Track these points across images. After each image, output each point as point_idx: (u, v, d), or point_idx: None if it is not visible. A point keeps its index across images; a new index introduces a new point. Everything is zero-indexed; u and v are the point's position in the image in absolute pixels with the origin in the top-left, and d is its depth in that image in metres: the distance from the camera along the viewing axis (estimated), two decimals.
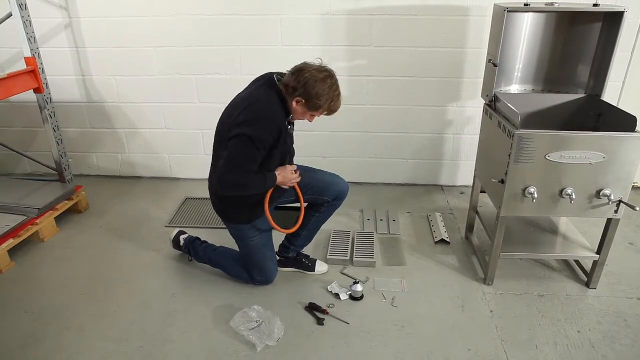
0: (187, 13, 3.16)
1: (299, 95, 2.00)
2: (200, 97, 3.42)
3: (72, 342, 2.10)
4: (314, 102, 2.00)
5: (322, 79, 1.98)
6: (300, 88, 1.99)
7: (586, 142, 2.03)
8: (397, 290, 2.43)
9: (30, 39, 2.75)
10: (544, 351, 2.04)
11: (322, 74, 1.99)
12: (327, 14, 3.09)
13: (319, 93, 1.98)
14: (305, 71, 2.00)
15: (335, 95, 2.04)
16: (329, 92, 2.00)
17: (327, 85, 1.99)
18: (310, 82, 1.97)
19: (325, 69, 2.03)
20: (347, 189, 2.42)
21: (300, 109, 2.06)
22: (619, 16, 2.24)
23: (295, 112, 2.09)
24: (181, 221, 3.09)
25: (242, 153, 1.99)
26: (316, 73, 1.99)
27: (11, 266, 2.61)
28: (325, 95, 2.00)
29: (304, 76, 1.98)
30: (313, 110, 2.05)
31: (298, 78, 1.99)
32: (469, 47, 3.12)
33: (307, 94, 1.99)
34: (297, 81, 1.99)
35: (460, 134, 3.42)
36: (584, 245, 2.46)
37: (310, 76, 1.98)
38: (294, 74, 2.02)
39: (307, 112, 2.07)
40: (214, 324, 2.19)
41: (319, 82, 1.97)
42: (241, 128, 1.98)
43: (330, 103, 2.03)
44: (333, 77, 2.03)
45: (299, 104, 2.04)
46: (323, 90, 1.98)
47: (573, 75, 2.55)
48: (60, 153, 3.09)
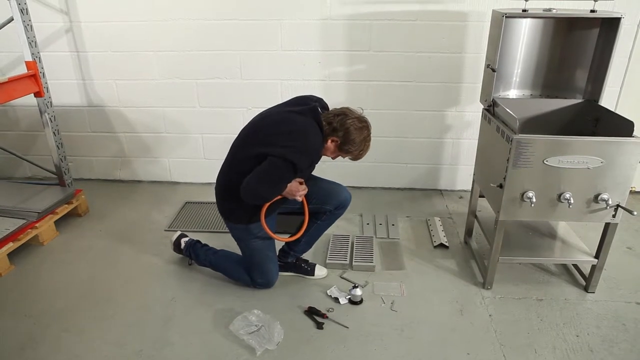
0: (188, 18, 3.18)
1: (337, 136, 2.14)
2: (200, 102, 3.43)
3: (71, 345, 2.10)
4: (348, 146, 2.15)
5: (360, 128, 2.14)
6: (340, 130, 2.12)
7: (584, 146, 2.04)
8: (396, 294, 2.43)
9: (31, 43, 2.77)
10: (543, 355, 2.04)
11: (362, 124, 2.15)
12: (326, 19, 3.11)
13: (354, 140, 2.13)
14: (348, 117, 2.14)
15: (367, 146, 2.20)
16: (362, 142, 2.16)
17: (363, 135, 2.15)
18: (350, 129, 2.11)
19: (365, 119, 2.19)
20: (349, 198, 2.44)
21: (333, 148, 2.19)
22: (616, 22, 2.26)
23: (327, 149, 2.21)
24: (181, 225, 3.10)
25: (281, 174, 2.08)
26: (357, 122, 2.14)
27: (11, 269, 2.61)
28: (359, 144, 2.15)
29: (347, 122, 2.12)
30: (343, 152, 2.20)
31: (342, 121, 2.13)
32: (467, 52, 3.14)
33: (345, 138, 2.13)
34: (340, 124, 2.13)
35: (459, 138, 3.43)
36: (582, 250, 2.47)
37: (352, 123, 2.12)
38: (338, 115, 2.15)
39: (336, 152, 2.21)
40: (214, 328, 2.20)
41: (357, 131, 2.13)
42: (285, 151, 2.04)
43: (360, 152, 2.19)
44: (369, 128, 2.19)
45: (334, 143, 2.17)
46: (359, 139, 2.14)
47: (571, 80, 2.57)
48: (60, 157, 3.09)
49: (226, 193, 2.27)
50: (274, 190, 2.13)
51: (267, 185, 2.09)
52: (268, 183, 2.09)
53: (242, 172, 2.09)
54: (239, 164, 2.16)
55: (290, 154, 2.03)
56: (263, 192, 2.12)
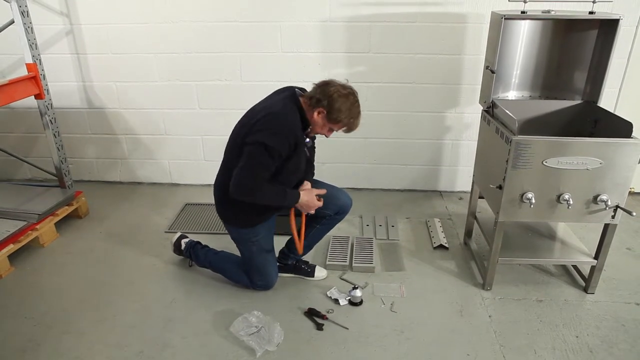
0: (188, 20, 3.18)
1: (322, 106, 2.06)
2: (200, 103, 3.44)
3: (72, 346, 2.10)
4: (335, 114, 2.06)
5: (346, 94, 2.06)
6: (324, 99, 2.05)
7: (583, 147, 2.05)
8: (396, 295, 2.43)
9: (32, 46, 2.77)
10: (543, 356, 2.04)
11: (347, 90, 2.08)
12: (326, 21, 3.12)
13: (340, 107, 2.05)
14: (331, 85, 2.08)
15: (356, 112, 2.11)
16: (351, 109, 2.07)
17: (350, 101, 2.06)
18: (334, 95, 2.04)
19: (350, 86, 2.12)
20: (350, 204, 2.42)
21: (321, 121, 2.11)
22: (615, 23, 2.26)
23: (315, 124, 2.13)
24: (181, 227, 3.10)
25: (257, 160, 2.03)
26: (341, 88, 2.07)
27: (11, 271, 2.62)
28: (347, 111, 2.06)
29: (329, 89, 2.06)
30: (332, 122, 2.10)
31: (323, 90, 2.06)
32: (466, 53, 3.15)
33: (330, 106, 2.05)
34: (322, 93, 2.06)
35: (458, 139, 3.44)
36: (581, 251, 2.47)
37: (335, 90, 2.05)
38: (319, 86, 2.09)
39: (326, 124, 2.12)
40: (214, 329, 2.20)
41: (343, 97, 2.05)
42: (257, 136, 2.01)
43: (350, 119, 2.10)
44: (356, 95, 2.11)
45: (320, 115, 2.09)
46: (345, 106, 2.05)
47: (570, 81, 2.57)
48: (61, 158, 3.10)
49: (224, 197, 2.25)
50: (258, 180, 2.05)
51: (250, 177, 2.03)
52: (250, 175, 2.03)
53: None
54: (231, 165, 2.13)
55: (263, 137, 1.99)
56: (250, 184, 2.04)
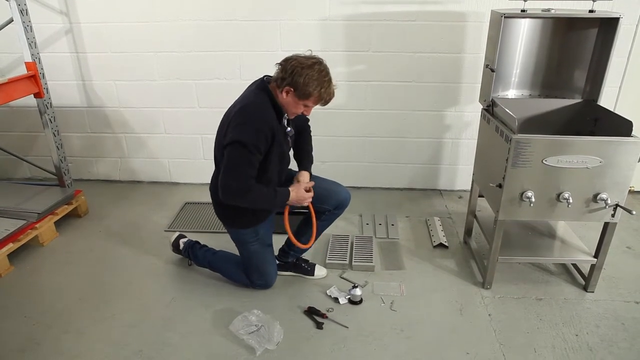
0: (187, 18, 3.18)
1: (287, 84, 1.95)
2: (199, 102, 3.43)
3: (71, 345, 2.10)
4: (303, 89, 1.93)
5: (310, 65, 1.93)
6: (287, 77, 1.93)
7: (583, 146, 2.05)
8: (395, 294, 2.43)
9: (31, 44, 2.77)
10: (542, 354, 2.05)
11: (310, 61, 1.94)
12: (326, 19, 3.11)
13: (306, 80, 1.91)
14: (292, 59, 1.96)
15: (325, 81, 1.95)
16: (318, 78, 1.93)
17: (315, 71, 1.93)
18: (297, 69, 1.92)
19: (313, 56, 1.98)
20: (349, 198, 2.42)
21: (291, 99, 2.00)
22: (615, 22, 2.26)
23: (288, 104, 2.03)
24: (180, 225, 3.10)
25: (238, 159, 1.98)
26: (303, 60, 1.95)
27: (10, 270, 2.61)
28: (315, 81, 1.92)
29: (291, 64, 1.94)
30: (303, 98, 1.97)
31: (285, 67, 1.95)
32: (466, 52, 3.15)
33: (295, 82, 1.93)
34: (284, 70, 1.95)
35: (458, 138, 3.43)
36: (581, 249, 2.47)
37: (297, 63, 1.93)
38: (281, 64, 1.98)
39: (298, 102, 2.00)
40: (214, 328, 2.20)
41: (306, 68, 1.92)
42: (233, 134, 1.97)
43: (321, 89, 1.95)
44: (322, 63, 1.97)
45: (289, 94, 1.98)
46: (311, 76, 1.92)
47: (569, 80, 2.57)
48: (60, 157, 3.10)
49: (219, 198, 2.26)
50: (247, 179, 1.98)
51: (237, 178, 1.97)
52: (236, 175, 1.97)
53: None
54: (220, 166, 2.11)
55: (237, 134, 1.94)
56: (239, 185, 1.98)
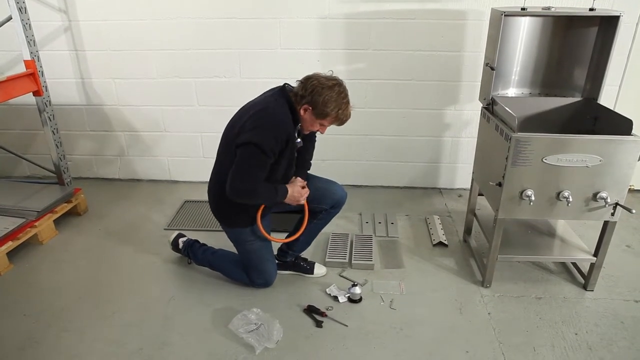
0: (187, 16, 3.17)
1: (307, 102, 2.01)
2: (199, 100, 3.43)
3: (70, 344, 2.10)
4: (321, 109, 2.00)
5: (330, 86, 1.99)
6: (307, 95, 2.00)
7: (583, 145, 2.05)
8: (395, 292, 2.43)
9: (30, 42, 2.76)
10: (542, 353, 2.05)
11: (330, 82, 2.01)
12: (325, 18, 3.11)
13: (325, 100, 1.98)
14: (313, 79, 2.02)
15: (344, 103, 2.03)
16: (337, 100, 2.00)
17: (335, 92, 1.99)
18: (317, 89, 1.98)
19: (333, 77, 2.05)
20: (345, 196, 2.42)
21: (309, 117, 2.06)
22: (615, 20, 2.26)
23: (304, 121, 2.09)
24: (180, 224, 3.10)
25: (251, 161, 2.01)
26: (324, 81, 2.01)
27: (10, 269, 2.61)
28: (333, 103, 1.99)
29: (312, 83, 2.00)
30: (321, 118, 2.05)
31: (305, 85, 2.01)
32: (466, 50, 3.14)
33: (314, 101, 1.99)
34: (304, 88, 2.01)
35: (458, 137, 3.43)
36: (581, 248, 2.47)
37: (317, 83, 1.99)
38: (302, 82, 2.04)
39: (315, 120, 2.07)
40: (213, 327, 2.20)
41: (326, 89, 1.98)
42: (248, 135, 1.99)
43: (338, 111, 2.03)
44: (341, 85, 2.04)
45: (307, 112, 2.04)
46: (330, 97, 1.98)
47: (570, 78, 2.57)
48: (59, 155, 3.09)
49: (218, 198, 2.26)
50: (257, 181, 2.03)
51: (247, 178, 2.01)
52: (247, 176, 2.01)
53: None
54: (224, 166, 2.13)
55: (252, 136, 1.96)
56: (249, 186, 2.02)
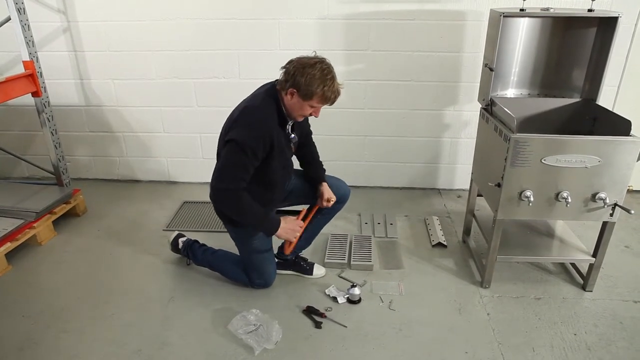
0: (186, 17, 3.17)
1: (290, 85, 1.94)
2: (198, 101, 3.43)
3: (70, 345, 2.10)
4: (306, 89, 1.91)
5: (311, 64, 1.91)
6: (290, 78, 1.93)
7: (582, 145, 2.05)
8: (394, 293, 2.43)
9: (29, 43, 2.76)
10: (541, 354, 2.05)
11: (312, 60, 1.93)
12: (324, 18, 3.11)
13: (308, 79, 1.89)
14: (293, 61, 1.96)
15: (328, 78, 1.92)
16: (321, 76, 1.90)
17: (317, 69, 1.90)
18: (298, 70, 1.91)
19: (316, 56, 1.97)
20: (349, 192, 2.45)
21: (296, 101, 1.97)
22: (614, 21, 2.26)
23: (293, 107, 2.01)
24: (179, 225, 3.09)
25: (231, 160, 1.96)
26: (305, 60, 1.93)
27: (8, 270, 2.61)
28: (317, 80, 1.89)
29: (293, 65, 1.94)
30: (307, 99, 1.94)
31: (287, 69, 1.95)
32: (465, 51, 3.15)
33: (297, 82, 1.91)
34: (287, 73, 1.95)
35: (457, 137, 3.43)
36: (580, 248, 2.47)
37: (298, 64, 1.93)
38: (284, 67, 1.98)
39: (303, 103, 1.97)
40: (212, 327, 2.20)
41: (308, 67, 1.90)
42: (232, 134, 1.96)
43: (324, 87, 1.91)
44: (324, 62, 1.94)
45: (293, 96, 1.96)
46: (313, 75, 1.89)
47: (568, 79, 2.57)
48: (58, 156, 3.09)
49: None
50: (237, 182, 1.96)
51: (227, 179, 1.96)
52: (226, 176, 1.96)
53: None
54: None
55: (236, 134, 1.92)
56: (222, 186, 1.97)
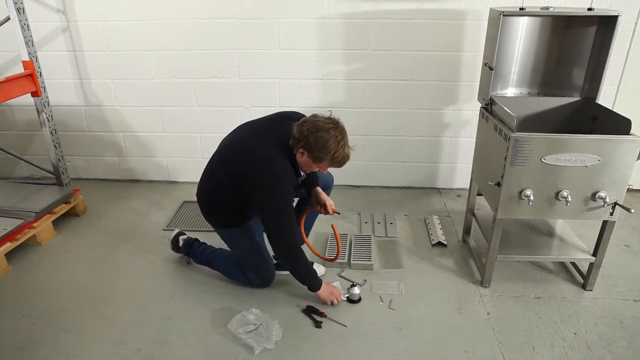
0: (185, 17, 3.17)
1: (302, 146, 1.96)
2: (197, 101, 3.43)
3: (70, 344, 2.10)
4: (316, 153, 1.95)
5: (326, 129, 1.92)
6: (302, 139, 1.94)
7: (581, 144, 2.05)
8: (394, 292, 2.43)
9: (28, 43, 2.75)
10: (541, 353, 2.05)
11: (326, 125, 1.94)
12: (324, 18, 3.11)
13: (320, 144, 1.92)
14: (308, 122, 1.95)
15: (340, 146, 1.95)
16: (333, 143, 1.92)
17: (331, 135, 1.92)
18: (312, 132, 1.92)
19: (330, 119, 1.98)
20: (332, 180, 2.53)
21: (305, 161, 2.02)
22: (613, 20, 2.26)
23: (302, 165, 2.05)
24: (179, 224, 3.09)
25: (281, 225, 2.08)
26: (320, 124, 1.94)
27: (8, 269, 2.61)
28: (328, 147, 1.92)
29: (305, 127, 1.94)
30: (317, 162, 1.99)
31: (301, 129, 1.95)
32: (465, 50, 3.14)
33: (309, 145, 1.94)
34: (300, 132, 1.95)
35: (456, 136, 3.43)
36: (580, 247, 2.47)
37: (312, 127, 1.93)
38: (299, 125, 1.98)
39: (312, 163, 2.01)
40: (212, 327, 2.20)
41: (322, 132, 1.92)
42: (268, 202, 2.02)
43: (334, 154, 1.95)
44: (337, 127, 1.96)
45: (303, 156, 2.00)
46: (325, 141, 1.92)
47: (568, 78, 2.57)
48: (58, 156, 3.08)
49: (208, 201, 2.30)
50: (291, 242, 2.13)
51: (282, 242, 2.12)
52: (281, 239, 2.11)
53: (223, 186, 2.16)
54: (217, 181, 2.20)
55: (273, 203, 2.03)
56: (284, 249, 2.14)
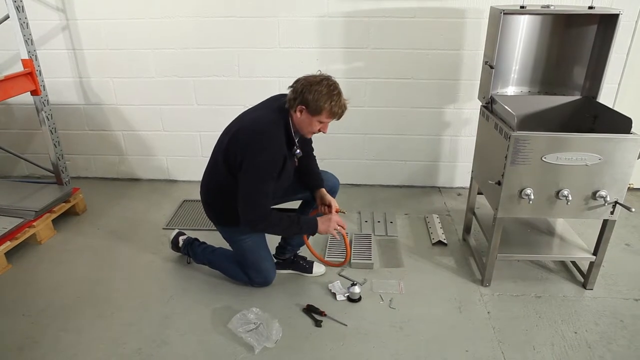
0: (185, 15, 3.16)
1: (299, 102, 2.00)
2: (197, 99, 3.42)
3: (69, 344, 2.09)
4: (314, 105, 1.98)
5: (318, 81, 1.99)
6: (298, 96, 2.00)
7: (582, 143, 2.04)
8: (394, 291, 2.43)
9: (27, 41, 2.75)
10: (541, 352, 2.04)
11: (318, 78, 2.01)
12: (324, 16, 3.10)
13: (316, 95, 1.97)
14: (301, 80, 2.03)
15: (335, 94, 2.00)
16: (327, 92, 1.98)
17: (324, 86, 1.98)
18: (306, 87, 1.98)
19: (321, 74, 2.05)
20: (338, 183, 2.49)
21: (305, 118, 2.04)
22: (614, 18, 2.25)
23: (302, 124, 2.08)
24: (179, 223, 3.09)
25: (253, 188, 2.05)
26: (312, 78, 2.02)
27: (8, 268, 2.61)
28: (324, 96, 1.98)
29: (299, 84, 2.01)
30: (316, 114, 2.02)
31: (295, 87, 2.02)
32: (465, 49, 3.14)
33: (305, 99, 1.99)
34: (295, 91, 2.02)
35: (457, 135, 3.43)
36: (580, 246, 2.47)
37: (305, 82, 2.00)
38: (292, 86, 2.05)
39: (312, 119, 2.04)
40: (212, 326, 2.19)
41: (315, 84, 1.98)
42: (245, 161, 2.01)
43: (331, 103, 2.00)
44: (329, 79, 2.03)
45: (302, 113, 2.03)
46: (320, 92, 1.97)
47: (569, 77, 2.56)
48: (58, 155, 3.08)
49: (210, 198, 2.29)
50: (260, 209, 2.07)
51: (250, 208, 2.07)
52: (249, 205, 2.06)
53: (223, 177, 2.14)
54: (217, 168, 2.18)
55: (250, 160, 2.01)
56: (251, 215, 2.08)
